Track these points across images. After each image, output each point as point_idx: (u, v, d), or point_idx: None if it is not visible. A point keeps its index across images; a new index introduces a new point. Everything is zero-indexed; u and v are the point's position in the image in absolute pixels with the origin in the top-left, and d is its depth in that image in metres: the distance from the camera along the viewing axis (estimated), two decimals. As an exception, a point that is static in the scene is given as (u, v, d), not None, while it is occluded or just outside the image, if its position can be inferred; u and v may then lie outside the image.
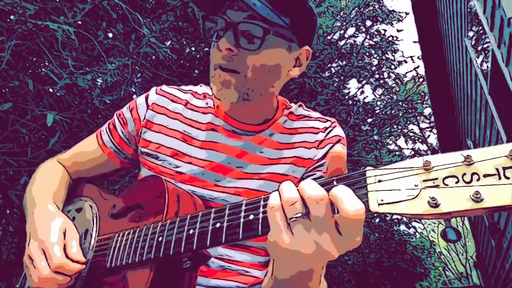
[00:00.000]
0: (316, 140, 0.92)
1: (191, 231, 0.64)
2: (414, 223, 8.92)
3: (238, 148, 0.90)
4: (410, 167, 0.49)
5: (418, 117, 11.96)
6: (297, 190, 0.54)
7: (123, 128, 1.01)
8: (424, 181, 0.47)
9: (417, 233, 11.04)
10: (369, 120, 7.24)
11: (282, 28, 0.84)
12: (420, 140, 12.27)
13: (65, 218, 0.86)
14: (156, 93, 1.01)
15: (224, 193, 0.88)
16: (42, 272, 0.76)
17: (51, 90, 2.24)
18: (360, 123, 6.33)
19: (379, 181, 0.51)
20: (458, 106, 7.35)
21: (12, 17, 1.98)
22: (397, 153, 8.24)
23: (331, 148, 0.92)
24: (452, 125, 8.00)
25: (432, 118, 10.56)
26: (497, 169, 0.44)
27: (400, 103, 7.75)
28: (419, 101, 9.29)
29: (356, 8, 7.62)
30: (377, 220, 7.98)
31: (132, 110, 1.01)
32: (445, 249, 15.17)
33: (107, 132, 1.04)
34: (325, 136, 0.93)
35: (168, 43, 4.14)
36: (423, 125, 12.59)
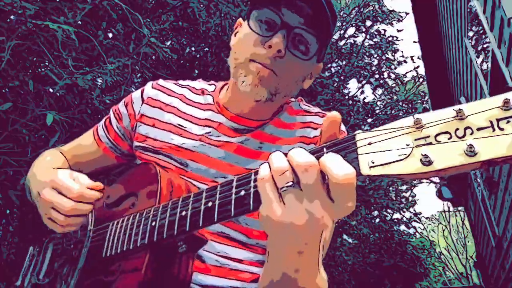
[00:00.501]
0: (315, 136, 0.91)
1: (184, 213, 0.64)
2: (414, 223, 8.90)
3: (237, 143, 0.89)
4: (401, 127, 0.48)
5: (418, 117, 11.95)
6: (287, 159, 0.53)
7: (119, 123, 1.01)
8: (416, 139, 0.46)
9: (417, 233, 11.04)
10: (369, 120, 7.23)
11: (324, 41, 0.86)
12: (420, 140, 12.26)
13: (67, 169, 0.87)
14: (152, 87, 1.00)
15: None
16: (65, 205, 0.76)
17: (51, 90, 2.24)
18: (360, 123, 6.33)
19: (370, 143, 0.49)
20: (458, 106, 7.32)
21: (12, 17, 1.98)
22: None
23: None
24: (452, 125, 7.98)
25: (432, 118, 10.53)
26: (490, 121, 0.42)
27: (400, 103, 7.75)
28: (419, 101, 9.28)
29: (356, 8, 7.61)
30: (377, 220, 7.98)
31: (127, 105, 1.00)
32: (445, 249, 15.17)
33: (103, 128, 1.04)
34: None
35: (168, 43, 4.14)
36: (423, 125, 12.58)
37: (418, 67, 11.79)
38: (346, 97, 6.61)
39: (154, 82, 1.03)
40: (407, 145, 0.46)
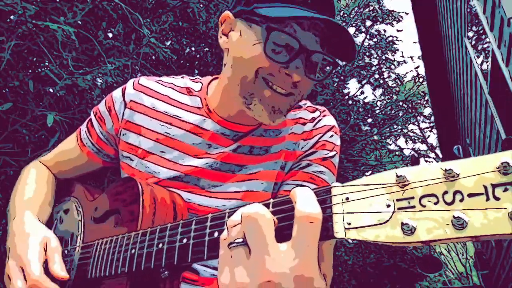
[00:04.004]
0: (303, 131, 0.89)
1: (160, 245, 0.61)
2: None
3: (228, 152, 0.86)
4: (382, 184, 0.41)
5: (418, 117, 11.96)
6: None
7: (101, 127, 0.95)
8: (398, 200, 0.40)
9: (417, 233, 10.99)
10: (369, 120, 7.23)
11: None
12: (420, 140, 12.27)
13: (45, 230, 0.82)
14: (134, 88, 0.93)
15: (214, 198, 0.84)
16: None
17: (51, 90, 2.24)
18: (360, 123, 6.32)
19: (347, 199, 0.43)
20: (458, 106, 7.34)
21: (12, 17, 1.98)
22: (397, 153, 8.24)
23: (320, 138, 0.88)
24: (452, 125, 8.00)
25: (432, 118, 10.56)
26: (485, 187, 0.36)
27: (400, 103, 7.74)
28: (419, 101, 9.29)
29: (356, 8, 7.61)
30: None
31: (109, 109, 0.94)
32: (445, 249, 15.16)
33: (85, 131, 0.98)
34: (314, 127, 0.89)
35: (168, 43, 4.13)
36: (423, 125, 12.59)
37: (418, 67, 11.80)
38: (346, 97, 6.61)
39: (135, 81, 0.94)
40: (388, 206, 0.40)
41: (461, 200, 0.37)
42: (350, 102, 6.59)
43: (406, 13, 8.10)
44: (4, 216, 2.35)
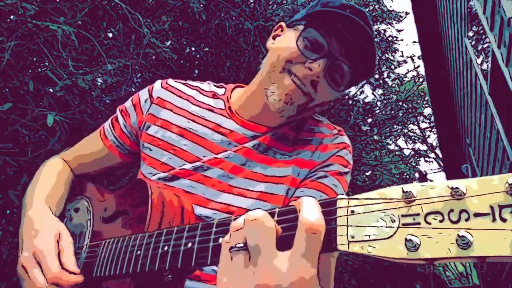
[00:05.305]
0: (321, 143, 0.92)
1: (166, 248, 0.61)
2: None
3: (246, 146, 0.89)
4: (388, 198, 0.41)
5: (418, 117, 11.96)
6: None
7: (125, 121, 1.00)
8: (403, 216, 0.40)
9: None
10: (369, 120, 7.23)
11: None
12: (420, 140, 12.27)
13: (59, 223, 0.84)
14: (162, 87, 0.99)
15: (227, 193, 0.86)
16: (37, 283, 0.74)
17: (51, 90, 2.24)
18: (360, 123, 6.33)
19: (352, 212, 0.43)
20: (458, 106, 7.35)
21: (12, 17, 1.98)
22: (397, 153, 8.25)
23: (337, 152, 0.91)
24: (452, 125, 8.00)
25: (432, 118, 10.57)
26: (491, 207, 0.35)
27: (400, 103, 7.74)
28: (419, 101, 9.29)
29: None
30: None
31: (135, 104, 1.00)
32: (445, 249, 15.17)
33: (109, 126, 1.03)
34: (331, 141, 0.93)
35: (168, 43, 4.13)
36: (423, 125, 12.60)
37: (418, 67, 11.82)
38: (346, 97, 6.61)
39: (163, 81, 1.01)
40: (393, 221, 0.40)
41: (467, 219, 0.36)
42: (350, 102, 6.59)
43: (406, 13, 8.11)
44: (4, 216, 2.35)
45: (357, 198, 0.43)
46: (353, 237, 0.42)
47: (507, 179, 0.35)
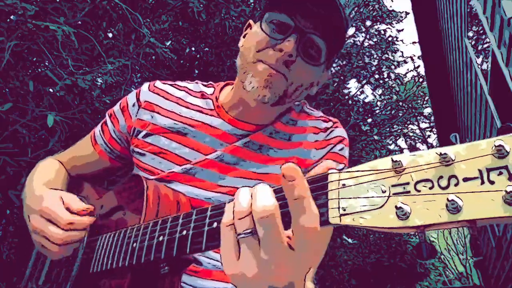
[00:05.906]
0: (316, 140, 0.90)
1: (161, 238, 0.61)
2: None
3: (236, 145, 0.88)
4: (378, 169, 0.41)
5: (418, 117, 11.96)
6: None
7: (114, 127, 0.99)
8: (393, 186, 0.40)
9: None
10: (369, 120, 7.24)
11: (336, 49, 0.86)
12: (420, 140, 12.27)
13: (59, 190, 0.86)
14: (149, 90, 0.97)
15: (219, 193, 0.86)
16: (55, 235, 0.75)
17: (51, 90, 2.24)
18: (360, 123, 6.33)
19: (343, 185, 0.43)
20: (458, 106, 7.35)
21: (12, 17, 1.98)
22: (397, 153, 8.24)
23: (331, 149, 0.90)
24: (452, 125, 8.00)
25: (432, 118, 10.56)
26: (480, 171, 0.35)
27: (400, 103, 7.74)
28: (419, 101, 9.29)
29: (356, 8, 7.62)
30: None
31: (123, 108, 0.98)
32: (445, 249, 15.17)
33: (99, 131, 1.03)
34: (326, 137, 0.91)
35: (168, 43, 4.14)
36: (423, 125, 12.60)
37: (418, 67, 11.81)
38: (346, 97, 6.62)
39: (150, 83, 0.99)
40: (383, 191, 0.40)
41: (456, 184, 0.36)
42: (350, 102, 6.59)
43: (406, 13, 8.11)
44: (4, 216, 2.35)
45: (348, 171, 0.43)
46: (344, 210, 0.42)
47: (494, 142, 0.35)
